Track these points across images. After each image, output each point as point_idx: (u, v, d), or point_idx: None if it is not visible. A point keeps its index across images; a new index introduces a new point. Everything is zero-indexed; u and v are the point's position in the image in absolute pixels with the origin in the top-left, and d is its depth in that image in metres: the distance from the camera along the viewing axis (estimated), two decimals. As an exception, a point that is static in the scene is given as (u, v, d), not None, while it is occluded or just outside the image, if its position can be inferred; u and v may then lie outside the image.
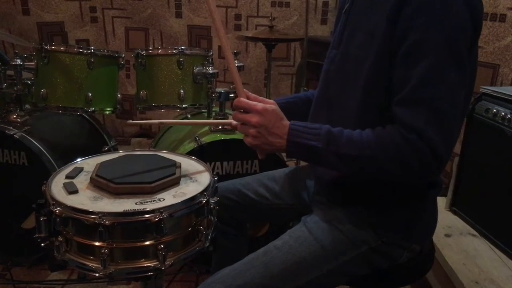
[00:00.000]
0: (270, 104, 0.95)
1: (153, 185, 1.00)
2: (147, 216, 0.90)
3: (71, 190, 0.99)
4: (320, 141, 0.91)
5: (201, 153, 1.65)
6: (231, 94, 1.81)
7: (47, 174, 1.11)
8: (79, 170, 1.11)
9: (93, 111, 1.77)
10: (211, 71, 1.79)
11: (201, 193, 1.00)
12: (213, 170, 1.13)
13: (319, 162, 0.96)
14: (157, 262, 0.93)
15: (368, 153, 0.88)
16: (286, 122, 0.95)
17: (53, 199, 0.95)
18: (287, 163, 1.76)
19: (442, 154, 0.84)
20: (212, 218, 1.05)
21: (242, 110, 0.96)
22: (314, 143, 0.91)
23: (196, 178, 1.09)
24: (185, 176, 1.09)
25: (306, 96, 1.28)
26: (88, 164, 1.15)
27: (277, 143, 0.93)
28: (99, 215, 0.89)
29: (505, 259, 1.56)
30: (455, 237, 1.71)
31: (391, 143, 0.87)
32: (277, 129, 0.93)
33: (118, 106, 1.86)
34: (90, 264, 0.93)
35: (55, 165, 1.70)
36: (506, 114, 1.56)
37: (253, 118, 0.93)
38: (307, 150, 0.92)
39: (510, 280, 1.46)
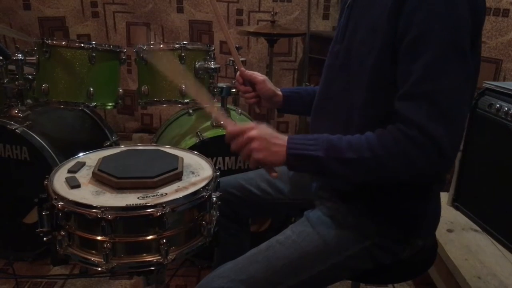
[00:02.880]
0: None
1: (155, 179, 1.00)
2: (149, 210, 0.90)
3: (73, 184, 0.99)
4: (319, 150, 0.89)
5: (203, 148, 1.65)
6: (232, 89, 1.81)
7: (48, 169, 1.10)
8: (81, 164, 1.11)
9: (95, 106, 1.77)
10: (212, 66, 1.78)
11: (204, 187, 1.00)
12: (215, 165, 1.12)
13: (322, 172, 0.93)
14: (160, 257, 0.93)
15: (369, 154, 0.86)
16: (283, 135, 0.94)
17: (55, 193, 0.94)
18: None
19: (447, 151, 0.82)
20: (215, 213, 1.05)
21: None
22: (313, 152, 0.89)
23: (198, 173, 1.09)
24: (187, 171, 1.09)
25: (311, 89, 1.28)
26: (90, 158, 1.15)
27: (280, 151, 0.92)
28: (102, 209, 0.89)
29: (508, 254, 1.56)
30: (457, 233, 1.71)
31: (391, 140, 0.85)
32: (277, 139, 0.93)
33: (120, 101, 1.86)
34: (92, 259, 0.93)
35: (57, 160, 1.70)
36: (509, 109, 1.55)
37: (251, 133, 0.92)
38: (308, 161, 0.90)
39: (512, 275, 1.46)
